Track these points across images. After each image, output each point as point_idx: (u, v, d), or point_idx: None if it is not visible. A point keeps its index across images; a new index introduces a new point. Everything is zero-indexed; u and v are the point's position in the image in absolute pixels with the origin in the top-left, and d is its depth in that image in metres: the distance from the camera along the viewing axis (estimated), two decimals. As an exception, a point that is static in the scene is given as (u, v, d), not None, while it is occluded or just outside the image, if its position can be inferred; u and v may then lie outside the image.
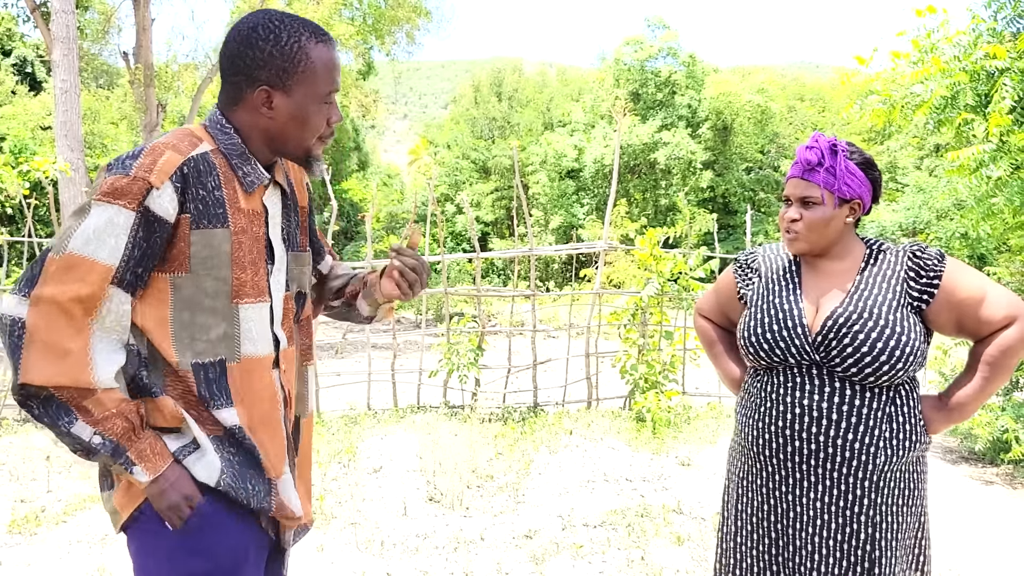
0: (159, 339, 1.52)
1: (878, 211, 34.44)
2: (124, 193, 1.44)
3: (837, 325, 1.86)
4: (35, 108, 31.59)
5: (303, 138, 1.63)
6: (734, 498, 2.08)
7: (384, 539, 4.18)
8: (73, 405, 1.42)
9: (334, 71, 1.62)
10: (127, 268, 1.45)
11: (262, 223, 1.64)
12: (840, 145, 1.95)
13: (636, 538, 4.19)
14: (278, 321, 1.67)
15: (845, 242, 2.01)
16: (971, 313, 1.88)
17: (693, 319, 2.43)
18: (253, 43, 1.55)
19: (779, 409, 1.93)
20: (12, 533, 4.33)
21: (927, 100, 5.66)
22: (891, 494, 1.87)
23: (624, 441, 6.29)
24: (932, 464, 6.14)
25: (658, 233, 7.90)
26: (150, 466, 1.49)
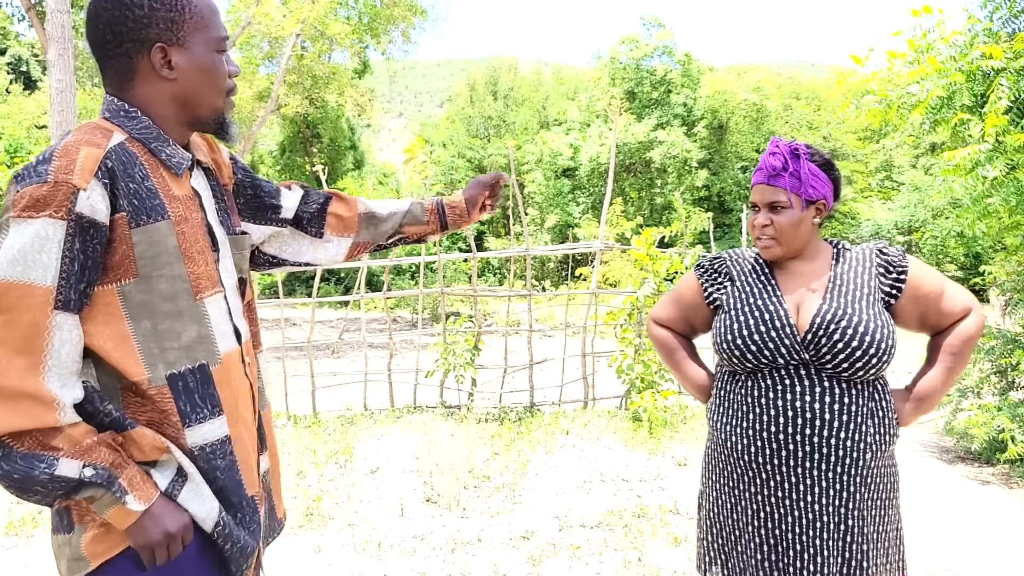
0: (120, 358, 1.34)
1: (873, 210, 34.57)
2: (47, 202, 1.25)
3: (825, 322, 1.89)
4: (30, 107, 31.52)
5: (213, 95, 1.50)
6: (725, 509, 2.04)
7: (381, 540, 4.17)
8: (43, 449, 1.25)
9: (217, 15, 1.50)
10: (68, 286, 1.27)
11: (198, 208, 1.50)
12: (800, 148, 1.99)
13: (633, 539, 4.19)
14: (236, 312, 1.56)
15: (814, 243, 2.06)
16: (934, 306, 1.97)
17: (647, 328, 2.38)
18: (130, 4, 1.39)
19: (770, 414, 1.92)
20: (8, 535, 4.32)
21: (923, 100, 5.67)
22: (875, 489, 1.91)
23: (620, 441, 6.29)
24: (929, 464, 6.15)
25: (654, 232, 7.90)
26: (141, 495, 1.34)
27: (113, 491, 1.30)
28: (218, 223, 1.56)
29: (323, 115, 32.07)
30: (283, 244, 1.86)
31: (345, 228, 1.91)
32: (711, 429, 2.10)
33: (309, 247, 1.89)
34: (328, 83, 22.67)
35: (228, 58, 1.53)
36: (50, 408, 1.24)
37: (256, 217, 1.78)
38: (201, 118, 1.51)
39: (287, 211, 1.82)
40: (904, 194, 32.27)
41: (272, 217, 1.80)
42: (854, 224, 34.97)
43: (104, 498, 1.30)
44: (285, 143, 35.19)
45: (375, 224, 1.94)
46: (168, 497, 1.39)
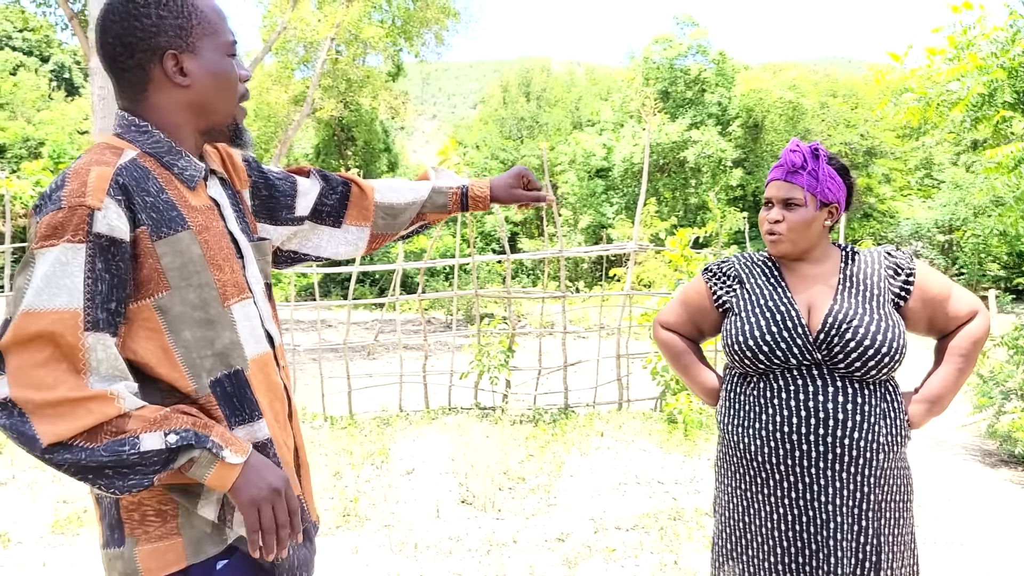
0: (167, 372, 1.36)
1: (912, 208, 33.99)
2: (64, 228, 1.25)
3: (838, 322, 1.90)
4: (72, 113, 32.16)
5: (227, 99, 1.50)
6: (738, 512, 2.04)
7: (418, 541, 4.21)
8: (121, 434, 1.25)
9: (225, 20, 1.50)
10: (95, 307, 1.27)
11: (218, 217, 1.50)
12: (821, 150, 2.01)
13: (669, 542, 4.17)
14: (267, 317, 1.57)
15: (823, 246, 2.06)
16: (941, 309, 2.00)
17: (654, 332, 2.37)
18: (136, 14, 1.39)
19: (783, 415, 1.92)
20: (55, 533, 4.42)
21: (964, 98, 5.57)
22: (890, 490, 1.91)
23: (656, 443, 6.27)
24: (972, 468, 6.05)
25: (688, 233, 7.86)
26: (237, 448, 1.34)
27: (208, 447, 1.29)
28: (239, 231, 1.56)
29: (357, 118, 32.36)
30: (303, 239, 1.85)
31: (363, 218, 1.89)
32: (722, 432, 2.10)
33: (329, 240, 1.88)
34: (362, 86, 22.86)
35: (239, 62, 1.53)
36: (107, 401, 1.24)
37: (273, 218, 1.77)
38: (216, 124, 1.51)
39: (303, 209, 1.81)
40: (945, 192, 31.71)
41: (288, 217, 1.79)
42: (893, 223, 34.43)
43: (202, 457, 1.30)
44: (320, 146, 35.56)
45: (393, 214, 1.92)
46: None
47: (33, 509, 4.78)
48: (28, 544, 4.27)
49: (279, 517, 1.37)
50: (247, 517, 1.34)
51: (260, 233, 1.71)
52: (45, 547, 4.24)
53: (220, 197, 1.54)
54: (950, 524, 4.62)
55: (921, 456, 6.21)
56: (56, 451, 1.21)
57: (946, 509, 4.91)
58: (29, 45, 43.18)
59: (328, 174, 1.88)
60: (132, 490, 1.27)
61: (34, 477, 5.34)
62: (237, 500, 1.34)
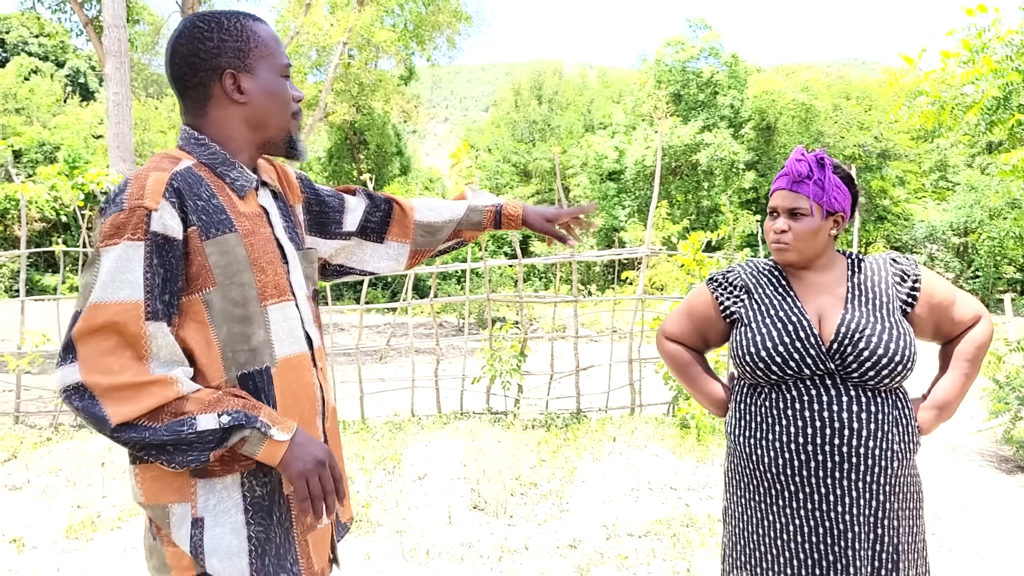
0: (207, 363, 1.49)
1: (927, 210, 33.78)
2: (125, 227, 1.40)
3: (850, 332, 1.89)
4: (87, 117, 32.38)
5: (280, 116, 1.64)
6: (752, 524, 2.02)
7: (429, 548, 4.20)
8: (180, 415, 1.39)
9: (280, 44, 1.65)
10: (154, 298, 1.41)
11: (266, 224, 1.63)
12: (826, 158, 2.00)
13: (681, 549, 4.16)
14: (308, 320, 1.68)
15: (829, 254, 2.06)
16: (947, 314, 2.01)
17: (658, 344, 2.33)
18: (201, 37, 1.55)
19: (797, 425, 1.91)
20: (69, 539, 4.45)
21: (978, 101, 5.54)
22: (903, 498, 1.91)
23: (668, 448, 6.25)
24: (988, 474, 5.99)
25: (701, 236, 7.83)
26: (283, 427, 1.47)
27: (258, 427, 1.44)
28: (287, 238, 1.68)
29: (370, 122, 32.46)
30: (350, 254, 1.99)
31: (404, 235, 2.03)
32: (732, 443, 2.08)
33: (372, 255, 2.01)
34: (374, 90, 22.93)
35: (291, 83, 1.66)
36: (168, 385, 1.38)
37: (323, 232, 1.92)
38: (271, 138, 1.64)
39: (351, 224, 1.95)
40: (959, 194, 31.47)
41: (337, 232, 1.94)
42: (907, 225, 34.22)
43: (252, 436, 1.44)
44: (332, 150, 35.68)
45: (431, 232, 2.05)
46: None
47: (47, 514, 4.81)
48: (42, 549, 4.29)
49: (325, 485, 1.51)
50: (297, 487, 1.48)
51: (309, 244, 1.84)
52: (59, 552, 4.26)
53: (270, 206, 1.67)
54: (966, 531, 4.58)
55: (936, 462, 6.16)
56: (124, 430, 1.36)
57: (961, 516, 4.87)
58: (45, 51, 43.55)
59: (373, 193, 2.04)
60: (190, 465, 1.41)
61: (48, 482, 5.38)
62: (286, 473, 1.48)
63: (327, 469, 1.52)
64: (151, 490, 1.49)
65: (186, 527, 1.47)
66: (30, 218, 26.16)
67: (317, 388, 1.67)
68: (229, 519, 1.49)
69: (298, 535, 1.59)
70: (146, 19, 19.39)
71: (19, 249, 7.75)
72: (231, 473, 1.49)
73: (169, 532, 1.48)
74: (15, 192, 7.90)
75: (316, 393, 1.66)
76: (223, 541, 1.48)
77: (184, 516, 1.47)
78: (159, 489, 1.49)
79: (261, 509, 1.53)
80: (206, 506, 1.48)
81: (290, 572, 1.56)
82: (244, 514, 1.51)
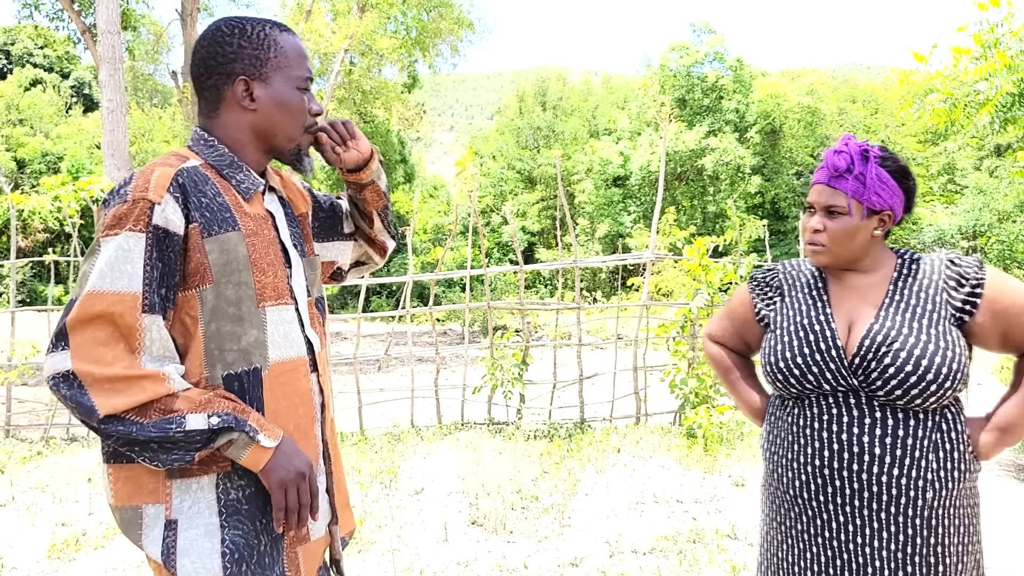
0: (191, 357, 1.48)
1: (936, 214, 33.53)
2: (127, 218, 1.41)
3: (875, 344, 1.67)
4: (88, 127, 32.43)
5: (290, 127, 1.64)
6: (773, 545, 1.86)
7: (424, 567, 4.02)
8: (169, 413, 1.38)
9: (304, 59, 1.65)
10: (151, 291, 1.41)
11: (271, 227, 1.64)
12: (872, 151, 1.76)
13: (688, 567, 3.96)
14: (308, 324, 1.66)
15: (875, 254, 1.82)
16: (1018, 323, 1.70)
17: (704, 345, 2.19)
18: (222, 42, 1.57)
19: (815, 447, 1.73)
20: (51, 558, 4.28)
21: (992, 98, 5.36)
22: (946, 532, 1.67)
23: (674, 459, 6.05)
24: (1007, 485, 5.79)
25: (706, 242, 7.65)
26: (271, 434, 1.47)
27: (246, 431, 1.43)
28: (291, 244, 1.69)
29: (373, 129, 32.36)
30: (358, 251, 2.04)
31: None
32: (764, 459, 1.90)
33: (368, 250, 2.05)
34: (376, 98, 22.84)
35: (311, 96, 1.67)
36: (159, 381, 1.38)
37: (332, 235, 1.95)
38: (278, 147, 1.65)
39: (349, 227, 2.00)
40: (968, 197, 31.16)
41: (343, 233, 1.98)
42: (915, 229, 33.95)
43: (239, 440, 1.43)
44: (336, 158, 35.56)
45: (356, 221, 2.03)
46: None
47: (31, 532, 4.65)
48: (23, 570, 4.13)
49: (302, 498, 1.50)
50: (275, 496, 1.47)
51: (317, 251, 1.88)
52: (40, 573, 4.10)
53: (276, 211, 1.68)
54: (985, 545, 4.37)
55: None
56: (110, 423, 1.35)
57: (981, 530, 4.66)
58: (49, 62, 43.66)
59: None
60: (174, 464, 1.40)
61: (33, 499, 5.22)
62: (267, 481, 1.47)
63: (306, 482, 1.51)
64: (123, 491, 1.47)
65: (158, 529, 1.45)
66: (33, 229, 26.13)
67: (316, 394, 1.65)
68: (202, 520, 1.46)
69: (287, 546, 1.56)
70: (147, 27, 19.32)
71: (17, 259, 7.61)
72: (207, 474, 1.47)
73: (139, 535, 1.46)
74: (19, 202, 7.76)
75: (314, 399, 1.64)
76: (196, 543, 1.44)
77: (157, 518, 1.45)
78: (132, 490, 1.46)
79: (237, 512, 1.49)
80: (180, 508, 1.45)
81: None
82: (218, 516, 1.47)
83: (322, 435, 1.66)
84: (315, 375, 1.65)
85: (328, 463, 1.69)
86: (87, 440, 7.21)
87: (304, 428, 1.60)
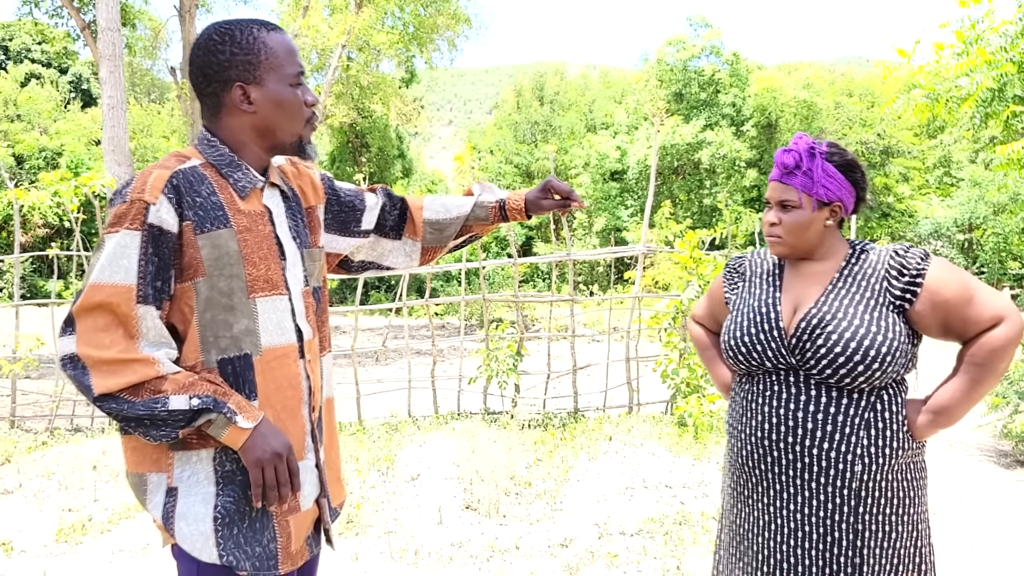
0: (187, 344, 1.61)
1: (931, 207, 33.63)
2: (126, 217, 1.54)
3: (811, 326, 1.82)
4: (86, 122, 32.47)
5: (290, 122, 1.73)
6: (727, 508, 2.05)
7: (419, 548, 4.17)
8: (156, 393, 1.51)
9: (294, 54, 1.74)
10: (146, 283, 1.54)
11: (267, 222, 1.73)
12: (819, 148, 1.91)
13: (673, 547, 4.12)
14: (300, 314, 1.76)
15: (829, 244, 1.97)
16: (957, 313, 1.80)
17: (688, 325, 2.41)
18: (214, 50, 1.67)
19: (758, 419, 1.90)
20: (59, 543, 4.43)
21: (973, 93, 5.49)
22: (876, 503, 1.81)
23: (665, 447, 6.20)
24: (986, 469, 5.94)
25: (699, 235, 7.79)
26: (249, 415, 1.58)
27: (224, 412, 1.55)
28: (289, 237, 1.78)
29: (371, 125, 32.46)
30: (370, 250, 2.14)
31: (415, 233, 2.15)
32: (726, 431, 2.09)
33: (389, 251, 2.15)
34: (374, 93, 22.92)
35: (306, 89, 1.76)
36: (150, 365, 1.52)
37: (343, 230, 2.05)
38: (280, 142, 1.75)
39: (368, 223, 2.08)
40: (963, 190, 31.31)
41: (356, 230, 2.07)
42: (912, 222, 34.07)
43: (218, 420, 1.55)
44: (335, 153, 35.69)
45: (439, 229, 2.15)
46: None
47: (38, 518, 4.79)
48: (31, 553, 4.27)
49: (279, 476, 1.61)
50: (252, 473, 1.58)
51: (324, 243, 1.97)
52: (47, 556, 4.24)
53: (275, 206, 1.78)
54: (961, 527, 4.53)
55: (934, 457, 6.10)
56: (105, 400, 1.50)
57: (957, 512, 4.82)
58: (48, 57, 43.68)
59: (391, 192, 2.15)
60: (162, 440, 1.55)
61: (40, 486, 5.36)
62: (244, 458, 1.58)
63: (283, 462, 1.61)
64: (132, 459, 1.64)
65: (160, 495, 1.61)
66: (33, 224, 26.24)
67: (303, 379, 1.75)
68: (200, 489, 1.61)
69: (277, 515, 1.69)
70: (146, 23, 19.41)
71: (17, 254, 7.73)
72: (206, 447, 1.61)
73: (144, 499, 1.62)
74: (19, 198, 7.88)
75: (302, 383, 1.74)
76: (192, 508, 1.60)
77: (160, 485, 1.61)
78: (139, 459, 1.63)
79: (232, 482, 1.63)
80: (180, 477, 1.61)
81: (266, 548, 1.66)
82: (215, 485, 1.62)
83: (310, 416, 1.77)
84: (303, 361, 1.75)
85: (317, 442, 1.80)
86: (91, 430, 7.36)
87: (292, 409, 1.72)
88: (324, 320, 1.89)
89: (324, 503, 1.84)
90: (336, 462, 1.92)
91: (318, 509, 1.83)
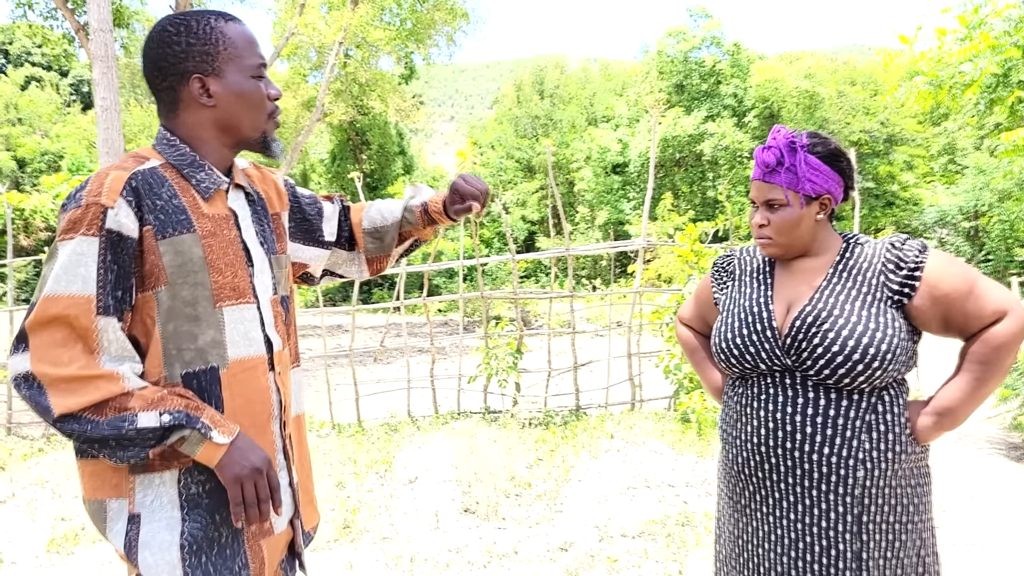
0: (150, 357, 1.50)
1: (936, 195, 33.43)
2: (81, 222, 1.42)
3: (806, 324, 1.72)
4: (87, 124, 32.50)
5: (252, 116, 1.63)
6: (724, 518, 1.95)
7: (415, 554, 4.08)
8: (123, 411, 1.40)
9: (254, 45, 1.64)
10: (106, 294, 1.42)
11: (232, 226, 1.63)
12: (799, 141, 1.79)
13: (675, 550, 4.02)
14: (269, 324, 1.66)
15: (821, 239, 1.86)
16: (957, 308, 1.70)
17: (675, 326, 2.29)
18: (169, 41, 1.56)
19: (754, 425, 1.79)
20: (50, 553, 4.35)
21: (976, 79, 5.36)
22: (880, 510, 1.71)
23: (668, 444, 6.11)
24: (996, 462, 5.83)
25: (700, 228, 7.69)
26: (224, 430, 1.48)
27: (198, 428, 1.44)
28: (256, 242, 1.67)
29: (371, 122, 32.37)
30: (332, 262, 2.05)
31: (357, 244, 2.05)
32: (720, 436, 1.98)
33: (344, 261, 2.05)
34: (373, 89, 22.82)
35: (268, 82, 1.66)
36: (115, 380, 1.40)
37: (307, 239, 1.96)
38: (243, 138, 1.64)
39: (329, 234, 1.99)
40: (968, 177, 31.06)
41: (320, 239, 1.98)
42: (917, 210, 33.86)
43: (192, 436, 1.44)
44: (335, 151, 35.60)
45: (378, 237, 2.04)
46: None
47: (31, 528, 4.72)
48: (22, 564, 4.20)
49: (260, 493, 1.51)
50: (231, 491, 1.48)
51: (289, 251, 1.87)
52: (39, 567, 4.17)
53: (240, 209, 1.67)
54: (971, 524, 4.42)
55: (942, 451, 5.99)
56: (66, 421, 1.38)
57: (967, 508, 4.71)
58: (48, 60, 43.68)
59: (345, 202, 2.07)
60: (130, 460, 1.43)
61: (34, 495, 5.29)
62: (222, 476, 1.48)
63: (263, 477, 1.52)
64: (90, 485, 1.52)
65: (122, 523, 1.49)
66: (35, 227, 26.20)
67: (273, 392, 1.64)
68: (164, 514, 1.49)
69: (249, 539, 1.58)
70: (141, 23, 19.32)
71: (19, 258, 7.67)
72: (169, 469, 1.50)
73: (105, 528, 1.50)
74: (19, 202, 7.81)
75: (271, 397, 1.64)
76: (156, 536, 1.48)
77: (120, 511, 1.50)
78: (97, 484, 1.51)
79: (198, 506, 1.52)
80: (143, 502, 1.49)
81: (238, 575, 1.55)
82: (180, 510, 1.50)
83: (281, 433, 1.67)
84: (272, 374, 1.65)
85: (289, 460, 1.70)
86: (88, 436, 7.30)
87: (261, 425, 1.61)
88: (292, 331, 1.79)
89: (298, 524, 1.74)
90: (308, 483, 1.81)
91: (292, 531, 1.72)
